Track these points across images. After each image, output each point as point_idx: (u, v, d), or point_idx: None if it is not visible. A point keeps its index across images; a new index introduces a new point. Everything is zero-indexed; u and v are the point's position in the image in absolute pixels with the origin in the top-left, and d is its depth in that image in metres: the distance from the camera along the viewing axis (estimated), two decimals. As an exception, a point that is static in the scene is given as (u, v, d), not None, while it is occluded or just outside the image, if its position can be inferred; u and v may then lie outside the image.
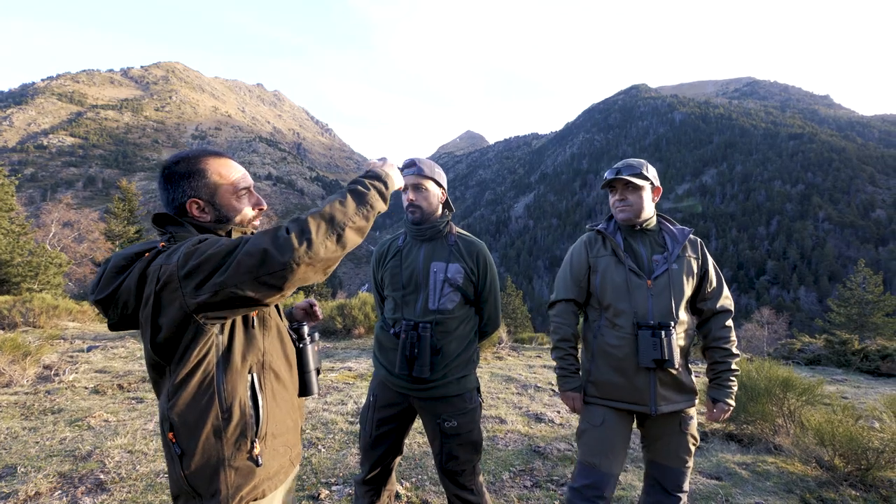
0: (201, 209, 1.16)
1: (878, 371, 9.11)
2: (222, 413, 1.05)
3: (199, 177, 1.15)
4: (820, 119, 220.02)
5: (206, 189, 1.15)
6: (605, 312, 1.87)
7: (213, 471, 1.04)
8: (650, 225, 1.91)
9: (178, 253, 0.99)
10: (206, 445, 1.04)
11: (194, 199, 1.14)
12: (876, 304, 22.78)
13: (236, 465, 1.06)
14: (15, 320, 9.10)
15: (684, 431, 1.82)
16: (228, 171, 1.19)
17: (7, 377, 4.84)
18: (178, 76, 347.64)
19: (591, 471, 1.77)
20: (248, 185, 1.23)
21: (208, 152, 1.20)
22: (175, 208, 1.16)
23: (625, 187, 1.85)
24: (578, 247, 1.99)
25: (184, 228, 1.14)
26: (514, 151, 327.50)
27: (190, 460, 1.04)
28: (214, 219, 1.17)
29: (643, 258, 1.85)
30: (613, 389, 1.82)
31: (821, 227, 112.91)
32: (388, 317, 1.97)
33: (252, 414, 1.08)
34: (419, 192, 1.88)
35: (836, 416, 3.28)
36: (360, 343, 8.68)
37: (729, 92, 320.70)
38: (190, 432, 1.04)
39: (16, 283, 14.92)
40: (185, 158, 1.16)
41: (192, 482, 1.04)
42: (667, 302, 1.78)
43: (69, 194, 31.03)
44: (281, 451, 1.15)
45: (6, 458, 2.97)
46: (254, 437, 1.08)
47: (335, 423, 3.84)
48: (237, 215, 1.19)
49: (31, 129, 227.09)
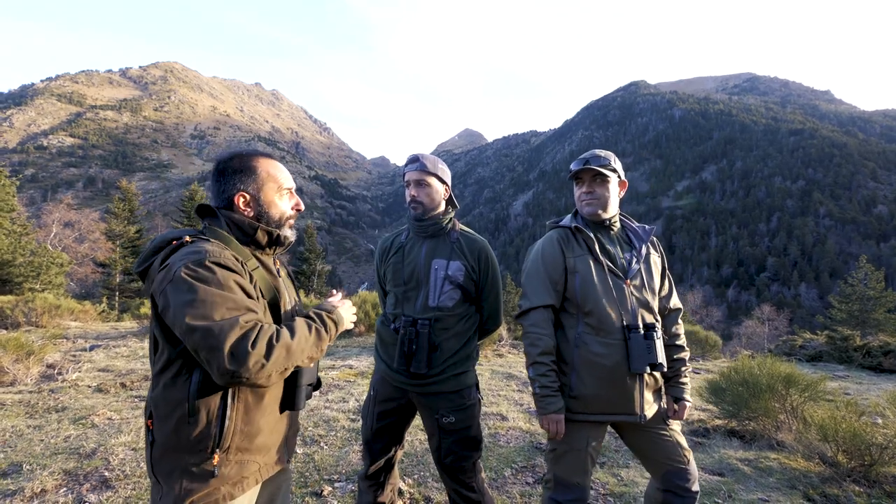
0: (247, 203, 1.24)
1: (880, 367, 9.10)
2: (189, 416, 1.07)
3: (250, 173, 1.25)
4: (821, 114, 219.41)
5: (254, 185, 1.25)
6: (585, 318, 1.69)
7: (171, 468, 1.08)
8: (616, 221, 1.84)
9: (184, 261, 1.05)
10: (169, 442, 1.08)
11: (242, 192, 1.24)
12: (878, 300, 22.75)
13: (191, 470, 1.07)
14: (18, 320, 9.12)
15: (668, 423, 1.77)
16: (276, 171, 1.30)
17: (11, 376, 4.85)
18: (176, 76, 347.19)
19: (576, 488, 1.70)
20: (291, 186, 1.33)
21: (260, 153, 1.30)
22: (224, 200, 1.24)
23: (592, 179, 1.75)
24: (550, 246, 1.78)
25: (218, 221, 1.23)
26: (512, 149, 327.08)
27: (158, 450, 1.09)
28: (256, 214, 1.25)
29: (616, 257, 1.76)
30: (601, 403, 1.67)
31: (822, 223, 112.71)
32: (389, 312, 1.98)
33: (217, 426, 1.08)
34: (421, 187, 1.88)
35: (839, 412, 3.29)
36: (361, 341, 8.69)
37: (729, 88, 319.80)
38: (160, 424, 1.09)
39: (18, 283, 14.95)
40: (238, 155, 1.27)
41: (156, 472, 1.10)
42: (646, 302, 1.73)
43: (70, 195, 31.09)
44: (248, 463, 1.15)
45: (12, 455, 2.98)
46: (214, 448, 1.07)
47: (337, 421, 3.85)
48: (277, 212, 1.28)
49: (30, 130, 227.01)
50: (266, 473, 1.21)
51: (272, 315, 1.21)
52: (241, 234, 1.23)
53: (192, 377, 1.08)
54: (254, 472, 1.16)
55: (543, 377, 1.67)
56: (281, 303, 1.25)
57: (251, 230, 1.23)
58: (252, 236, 1.23)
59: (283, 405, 1.23)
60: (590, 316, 1.68)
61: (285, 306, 1.27)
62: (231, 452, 1.11)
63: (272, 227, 1.27)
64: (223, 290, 1.04)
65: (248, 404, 1.13)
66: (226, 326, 0.99)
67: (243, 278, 1.11)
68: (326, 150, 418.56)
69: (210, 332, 0.98)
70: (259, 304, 1.13)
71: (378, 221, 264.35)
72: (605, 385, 1.66)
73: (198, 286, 1.02)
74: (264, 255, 1.29)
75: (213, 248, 1.11)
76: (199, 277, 1.03)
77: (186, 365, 1.09)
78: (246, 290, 1.10)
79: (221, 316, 1.00)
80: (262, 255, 1.27)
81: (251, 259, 1.20)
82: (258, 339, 1.01)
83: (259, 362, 1.00)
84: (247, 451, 1.14)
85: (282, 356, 1.04)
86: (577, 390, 1.68)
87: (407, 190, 1.91)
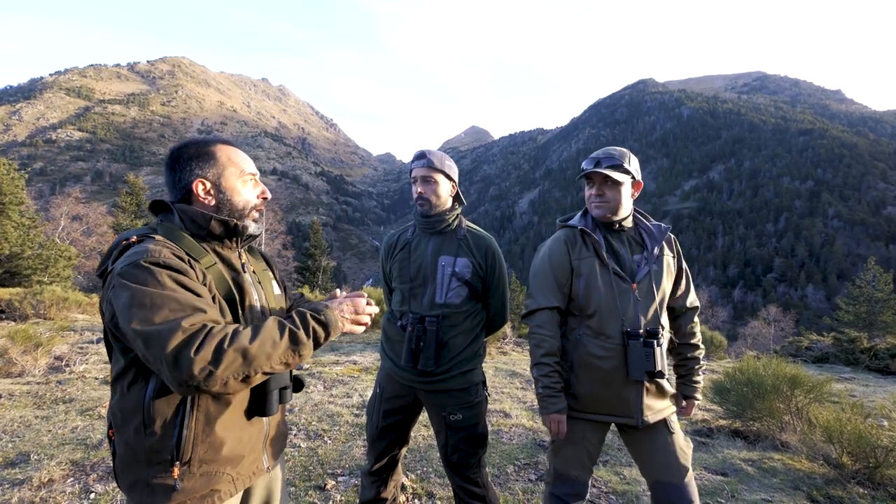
0: (207, 191, 1.14)
1: (887, 370, 9.02)
2: (144, 428, 0.99)
3: (208, 158, 1.15)
4: (831, 114, 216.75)
5: (213, 170, 1.14)
6: (587, 321, 1.69)
7: (133, 481, 1.02)
8: (628, 222, 1.77)
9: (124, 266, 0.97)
10: (128, 453, 1.01)
11: (201, 179, 1.13)
12: (886, 302, 22.51)
13: (151, 483, 1.00)
14: (26, 312, 9.22)
15: (671, 431, 1.69)
16: (237, 156, 1.20)
17: (19, 367, 4.92)
18: (183, 71, 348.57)
19: (574, 482, 1.71)
20: (254, 172, 1.22)
21: (219, 139, 1.20)
22: (181, 190, 1.14)
23: (603, 181, 1.68)
24: (557, 246, 1.77)
25: (171, 217, 1.13)
26: (518, 147, 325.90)
27: (119, 463, 1.04)
28: (217, 203, 1.15)
29: (625, 259, 1.71)
30: (596, 403, 1.68)
31: (830, 224, 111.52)
32: (396, 309, 1.97)
33: (174, 436, 0.99)
34: (428, 184, 1.87)
35: (844, 414, 3.26)
36: (365, 337, 8.72)
37: (738, 86, 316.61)
38: (120, 434, 1.02)
39: (26, 275, 15.10)
40: (195, 142, 1.17)
41: (120, 482, 1.05)
42: (653, 307, 1.66)
43: (77, 188, 31.35)
44: (217, 475, 1.06)
45: (20, 445, 3.03)
46: (174, 460, 0.99)
47: (341, 416, 3.87)
48: (241, 200, 1.18)
49: (39, 124, 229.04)
50: (244, 484, 1.12)
51: (230, 311, 1.10)
52: (196, 228, 1.13)
53: (148, 384, 1.00)
54: (226, 483, 1.07)
55: (546, 377, 1.68)
56: (245, 301, 1.15)
57: (205, 222, 1.12)
58: (207, 228, 1.13)
59: (252, 411, 1.13)
60: (591, 319, 1.68)
61: (250, 303, 1.17)
62: (193, 465, 1.01)
63: (234, 216, 1.17)
64: (163, 290, 0.95)
65: (210, 413, 1.04)
66: (164, 331, 0.90)
67: (188, 276, 1.01)
68: (333, 147, 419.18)
69: (150, 337, 0.90)
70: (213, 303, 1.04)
71: (383, 218, 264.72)
72: (602, 387, 1.66)
73: (133, 288, 0.94)
74: (226, 250, 1.18)
75: (153, 246, 1.01)
76: (135, 279, 0.95)
77: (141, 372, 1.01)
78: (191, 288, 1.00)
79: (163, 318, 0.92)
80: (222, 250, 1.17)
81: (206, 255, 1.11)
82: (204, 344, 0.91)
83: (205, 369, 0.89)
84: (213, 462, 1.04)
85: (236, 362, 0.93)
86: (574, 389, 1.71)
87: (414, 186, 1.90)
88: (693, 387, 1.79)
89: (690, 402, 1.80)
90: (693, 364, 1.80)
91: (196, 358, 0.89)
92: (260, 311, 1.19)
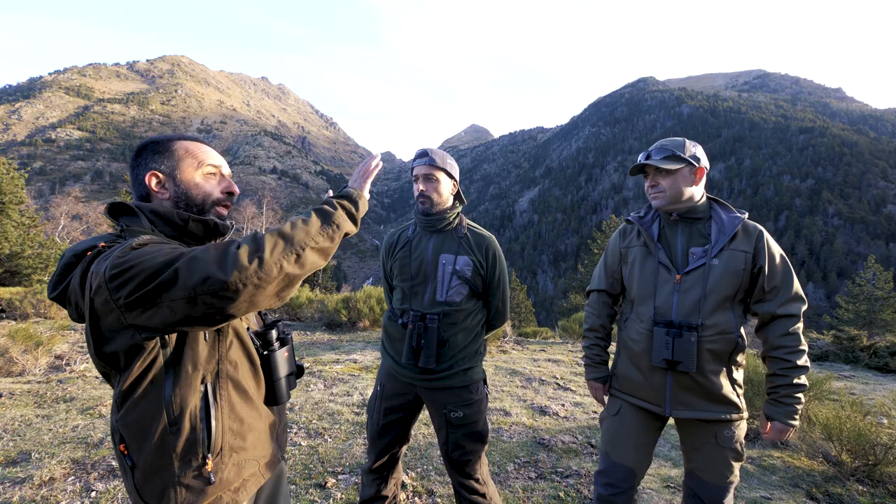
0: (160, 183, 1.07)
1: (886, 368, 9.03)
2: (170, 426, 0.96)
3: (164, 151, 1.09)
4: (832, 112, 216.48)
5: (167, 163, 1.08)
6: (633, 305, 1.79)
7: (162, 486, 0.97)
8: (694, 213, 1.70)
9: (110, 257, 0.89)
10: (154, 460, 0.97)
11: (154, 171, 1.06)
12: (886, 300, 22.50)
13: (186, 483, 0.97)
14: (27, 311, 9.24)
15: (722, 446, 1.62)
16: (196, 148, 1.12)
17: (20, 366, 4.92)
18: (183, 70, 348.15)
19: (604, 458, 1.77)
20: (216, 164, 1.14)
21: (184, 136, 1.14)
22: (140, 187, 1.09)
23: (656, 172, 1.69)
24: (614, 236, 1.95)
25: (137, 219, 1.04)
26: (519, 145, 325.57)
27: (141, 473, 0.98)
28: (173, 196, 1.07)
29: (678, 250, 1.69)
30: (630, 384, 1.76)
31: (830, 222, 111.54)
32: (397, 307, 1.97)
33: (203, 428, 0.98)
34: (430, 182, 1.87)
35: (843, 412, 3.26)
36: (365, 336, 8.73)
37: (738, 85, 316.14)
38: (139, 445, 0.97)
39: (26, 274, 15.12)
40: (155, 138, 1.12)
41: (144, 496, 0.99)
42: (694, 300, 1.61)
43: (77, 188, 31.35)
44: (245, 464, 1.06)
45: (21, 444, 3.03)
46: (206, 453, 0.98)
47: (341, 414, 3.88)
48: (199, 193, 1.10)
49: (39, 123, 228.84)
50: (266, 474, 1.12)
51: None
52: (170, 230, 1.05)
53: (164, 384, 0.97)
54: (254, 473, 1.08)
55: (588, 349, 1.96)
56: None
57: (181, 221, 1.05)
58: (185, 228, 1.06)
59: (266, 400, 1.15)
60: (634, 303, 1.80)
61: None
62: (225, 454, 1.01)
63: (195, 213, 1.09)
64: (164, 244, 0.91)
65: (233, 401, 1.04)
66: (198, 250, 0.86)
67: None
68: (332, 145, 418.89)
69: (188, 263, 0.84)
70: None
71: (384, 217, 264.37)
72: (635, 369, 1.76)
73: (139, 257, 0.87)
74: None
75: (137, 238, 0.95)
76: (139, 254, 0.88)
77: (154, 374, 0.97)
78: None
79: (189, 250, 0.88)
80: None
81: None
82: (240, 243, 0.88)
83: (253, 256, 0.86)
84: (242, 450, 1.05)
85: (279, 244, 0.91)
86: (616, 368, 1.86)
87: (415, 184, 1.90)
88: (775, 406, 1.58)
89: (774, 424, 1.59)
90: (777, 382, 1.59)
91: (239, 252, 0.86)
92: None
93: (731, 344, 1.61)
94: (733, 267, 1.61)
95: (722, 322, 1.60)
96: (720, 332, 1.60)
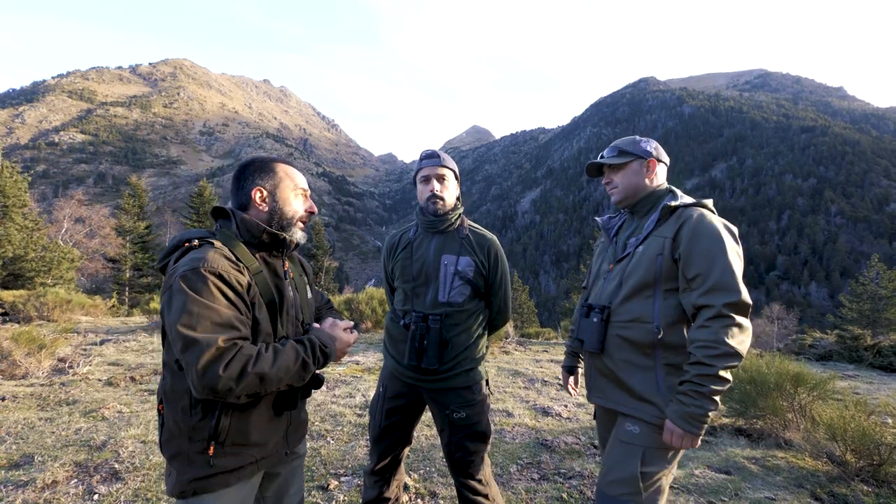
0: (263, 198, 1.30)
1: (891, 367, 8.98)
2: (191, 408, 1.16)
3: (269, 171, 1.32)
4: (833, 111, 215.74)
5: (271, 182, 1.31)
6: None
7: (174, 452, 1.18)
8: (644, 204, 1.68)
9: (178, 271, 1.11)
10: (175, 427, 1.18)
11: (260, 187, 1.30)
12: (890, 299, 22.39)
13: (190, 456, 1.16)
14: (30, 314, 9.27)
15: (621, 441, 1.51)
16: (292, 172, 1.37)
17: (23, 369, 4.94)
18: (185, 73, 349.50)
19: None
20: (305, 188, 1.40)
21: (280, 158, 1.38)
22: (242, 197, 1.31)
23: (609, 169, 1.74)
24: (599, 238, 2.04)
25: (229, 224, 1.28)
26: (520, 146, 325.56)
27: (166, 433, 1.20)
28: (270, 210, 1.31)
29: (622, 243, 1.72)
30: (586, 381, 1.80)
31: (833, 221, 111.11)
32: (399, 308, 1.97)
33: (213, 419, 1.15)
34: (443, 182, 1.89)
35: (848, 412, 3.24)
36: (368, 337, 8.73)
37: (740, 84, 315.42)
38: (170, 411, 1.20)
39: (30, 277, 15.18)
40: (260, 159, 1.35)
41: (164, 451, 1.21)
42: (614, 287, 1.60)
43: (80, 191, 31.43)
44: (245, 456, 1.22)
45: (24, 447, 3.04)
46: (210, 439, 1.15)
47: (343, 416, 3.88)
48: (290, 210, 1.34)
49: (42, 127, 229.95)
50: (265, 466, 1.28)
51: (269, 314, 1.25)
52: (249, 237, 1.27)
53: None
54: (250, 464, 1.23)
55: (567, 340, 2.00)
56: (284, 305, 1.30)
57: (258, 232, 1.27)
58: (259, 238, 1.27)
59: (280, 406, 1.28)
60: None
61: (287, 308, 1.32)
62: (226, 445, 1.17)
63: (283, 226, 1.32)
64: (212, 302, 1.08)
65: (244, 405, 1.19)
66: (202, 342, 1.03)
67: (238, 287, 1.15)
68: (334, 147, 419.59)
69: (189, 344, 1.03)
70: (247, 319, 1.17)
71: (385, 218, 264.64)
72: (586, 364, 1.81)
73: (189, 294, 1.07)
74: (272, 258, 1.33)
75: (212, 255, 1.14)
76: (192, 286, 1.08)
77: None
78: (234, 302, 1.13)
79: (204, 331, 1.05)
80: (269, 258, 1.32)
81: (255, 262, 1.24)
82: (232, 362, 1.05)
83: (227, 386, 1.04)
84: (242, 445, 1.21)
85: (254, 383, 1.08)
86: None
87: (425, 185, 1.89)
88: (673, 405, 1.41)
89: (666, 423, 1.42)
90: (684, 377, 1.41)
91: (223, 375, 1.03)
92: (294, 315, 1.36)
93: (649, 335, 1.49)
94: (650, 252, 1.53)
95: (637, 310, 1.53)
96: (634, 319, 1.53)
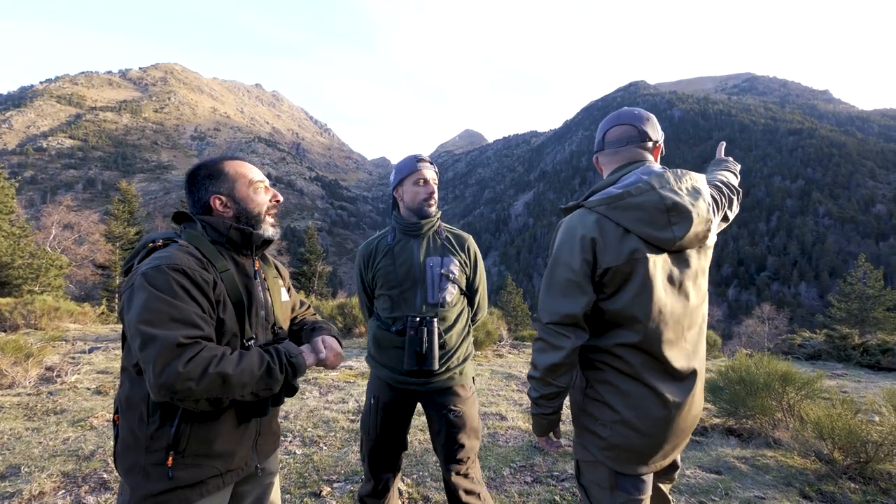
0: (224, 204, 1.26)
1: (878, 365, 9.13)
2: (148, 416, 1.08)
3: (219, 174, 1.26)
4: (819, 114, 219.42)
5: (225, 185, 1.26)
6: None
7: (130, 465, 1.10)
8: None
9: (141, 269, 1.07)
10: (130, 438, 1.10)
11: (216, 195, 1.25)
12: (877, 298, 22.78)
13: (147, 470, 1.07)
14: (16, 322, 9.12)
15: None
16: (243, 168, 1.31)
17: (10, 379, 4.85)
18: (176, 77, 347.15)
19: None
20: (261, 179, 1.33)
21: (225, 157, 1.32)
22: (201, 207, 1.26)
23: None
24: None
25: (193, 225, 1.25)
26: (513, 150, 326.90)
27: (120, 445, 1.13)
28: (235, 212, 1.26)
29: None
30: None
31: (821, 222, 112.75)
32: (386, 316, 1.94)
33: (172, 427, 1.07)
34: (436, 185, 1.94)
35: (835, 410, 3.29)
36: (361, 342, 8.69)
37: (728, 88, 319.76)
38: (125, 420, 1.12)
39: (17, 285, 14.94)
40: (205, 164, 1.29)
41: (118, 465, 1.13)
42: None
43: (69, 196, 30.93)
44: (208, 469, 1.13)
45: (10, 458, 2.99)
46: (169, 450, 1.07)
47: (336, 422, 3.86)
48: (254, 206, 1.29)
49: (30, 132, 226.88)
50: (231, 480, 1.19)
51: (236, 314, 1.18)
52: (216, 235, 1.24)
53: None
54: (214, 477, 1.14)
55: None
56: (253, 306, 1.24)
57: (225, 229, 1.24)
58: (227, 235, 1.24)
59: (249, 412, 1.19)
60: None
61: (257, 309, 1.25)
62: (187, 456, 1.09)
63: (251, 223, 1.27)
64: (174, 299, 1.03)
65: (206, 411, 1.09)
66: (162, 340, 0.97)
67: (203, 284, 1.10)
68: (327, 151, 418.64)
69: (148, 342, 0.97)
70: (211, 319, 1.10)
71: (379, 222, 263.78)
72: None
73: (150, 291, 1.02)
74: (241, 257, 1.28)
75: (178, 252, 1.10)
76: (153, 283, 1.03)
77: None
78: (197, 300, 1.07)
79: (164, 327, 0.99)
80: (238, 257, 1.27)
81: (222, 260, 1.20)
82: (193, 360, 0.98)
83: (187, 386, 0.96)
84: (205, 456, 1.12)
85: (216, 384, 1.00)
86: None
87: (423, 187, 1.89)
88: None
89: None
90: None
91: (182, 372, 0.96)
92: (265, 317, 1.29)
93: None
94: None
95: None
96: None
